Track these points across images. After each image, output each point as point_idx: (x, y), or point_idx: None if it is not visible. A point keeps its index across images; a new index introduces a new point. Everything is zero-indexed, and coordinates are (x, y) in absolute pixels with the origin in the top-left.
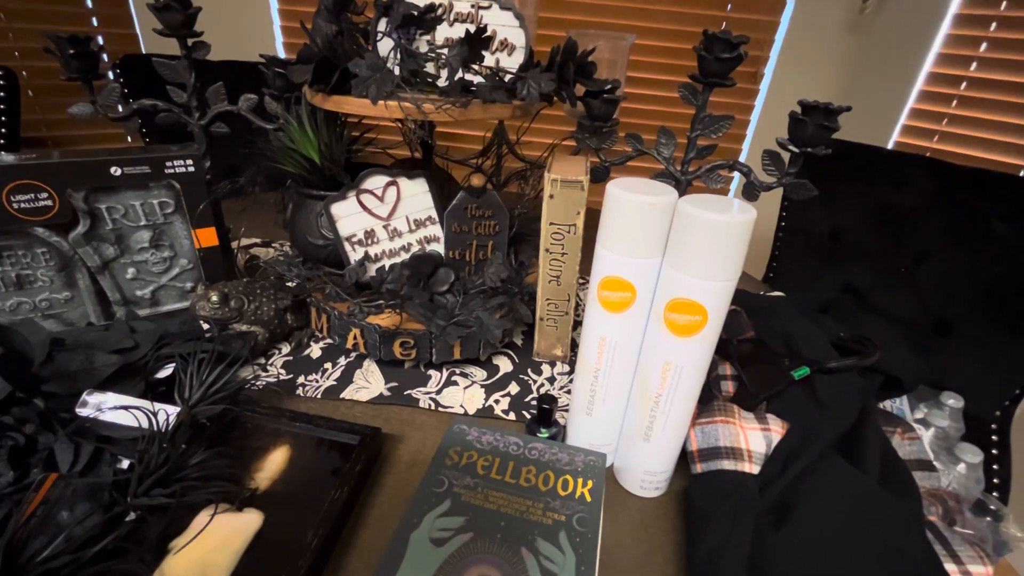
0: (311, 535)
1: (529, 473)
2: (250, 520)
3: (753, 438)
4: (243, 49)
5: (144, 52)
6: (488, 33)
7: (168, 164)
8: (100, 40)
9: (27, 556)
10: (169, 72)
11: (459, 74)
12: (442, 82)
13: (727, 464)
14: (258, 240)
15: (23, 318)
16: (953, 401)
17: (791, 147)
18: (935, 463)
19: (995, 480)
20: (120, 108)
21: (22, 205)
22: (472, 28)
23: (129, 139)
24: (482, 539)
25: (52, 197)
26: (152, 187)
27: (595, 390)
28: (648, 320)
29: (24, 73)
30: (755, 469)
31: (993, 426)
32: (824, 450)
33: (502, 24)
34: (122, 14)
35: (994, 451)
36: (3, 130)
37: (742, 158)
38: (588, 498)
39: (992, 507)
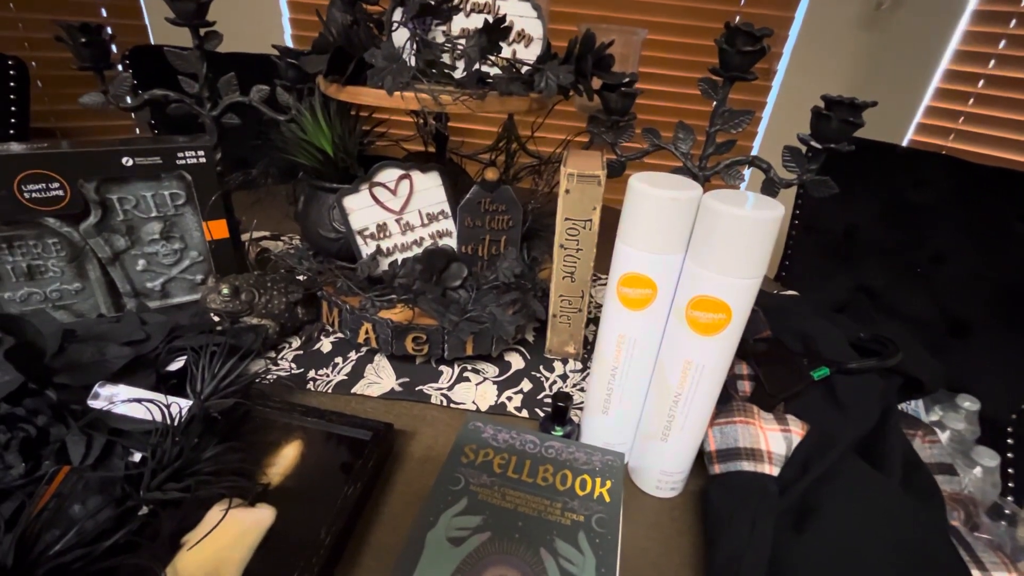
0: (324, 532)
1: (546, 472)
2: (263, 516)
3: (773, 439)
4: (251, 40)
5: (153, 43)
6: (507, 24)
7: (180, 155)
8: (109, 31)
9: (39, 550)
10: (181, 62)
11: (476, 65)
12: (458, 73)
13: (746, 465)
14: (267, 233)
15: (34, 308)
16: (969, 403)
17: (813, 143)
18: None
19: (1010, 484)
20: (129, 99)
21: (33, 195)
22: (490, 18)
23: (138, 130)
24: (500, 539)
25: (64, 187)
26: (163, 178)
27: (612, 388)
28: (668, 317)
29: (33, 63)
30: (775, 471)
31: (1009, 429)
32: (845, 453)
33: (520, 15)
34: (131, 5)
35: (1010, 455)
36: (13, 120)
37: (753, 153)
38: (607, 498)
39: (1008, 511)
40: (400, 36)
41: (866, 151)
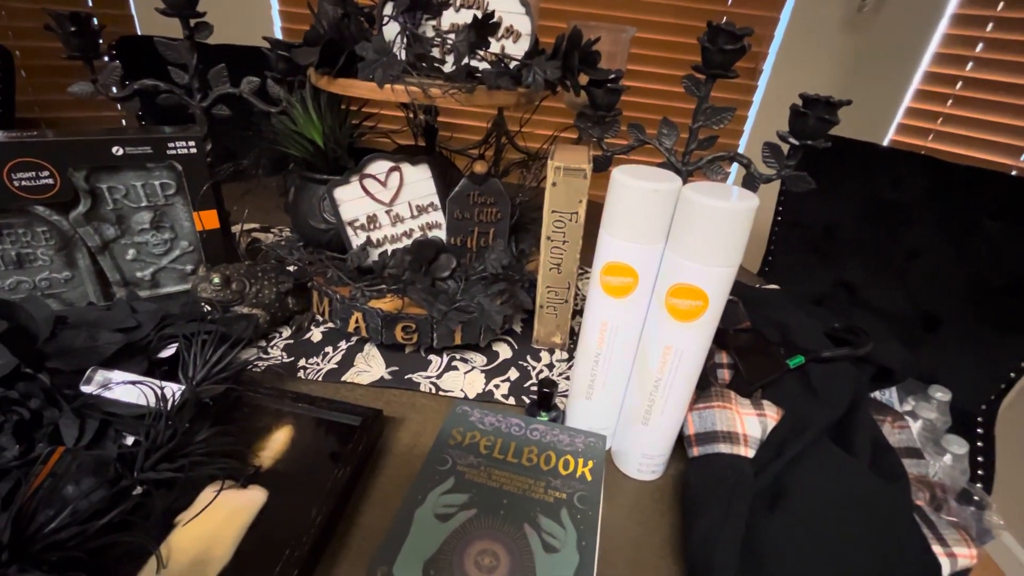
0: (315, 512)
1: (531, 453)
2: (254, 496)
3: (749, 423)
4: (240, 32)
5: (139, 33)
6: (495, 19)
7: (170, 145)
8: (95, 21)
9: (34, 528)
10: (171, 53)
11: (465, 60)
12: (448, 67)
13: (723, 448)
14: (257, 224)
15: (24, 296)
16: (940, 394)
17: (791, 139)
18: (923, 452)
19: (979, 471)
20: (115, 89)
21: (23, 183)
22: (479, 14)
23: (124, 121)
24: (486, 516)
25: (53, 176)
26: (153, 168)
27: (595, 374)
28: (649, 305)
29: (17, 53)
30: (750, 453)
31: (979, 419)
32: (817, 436)
33: (508, 11)
34: None
35: (979, 443)
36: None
37: (739, 151)
38: (589, 477)
39: (976, 497)
40: (390, 30)
41: (846, 150)
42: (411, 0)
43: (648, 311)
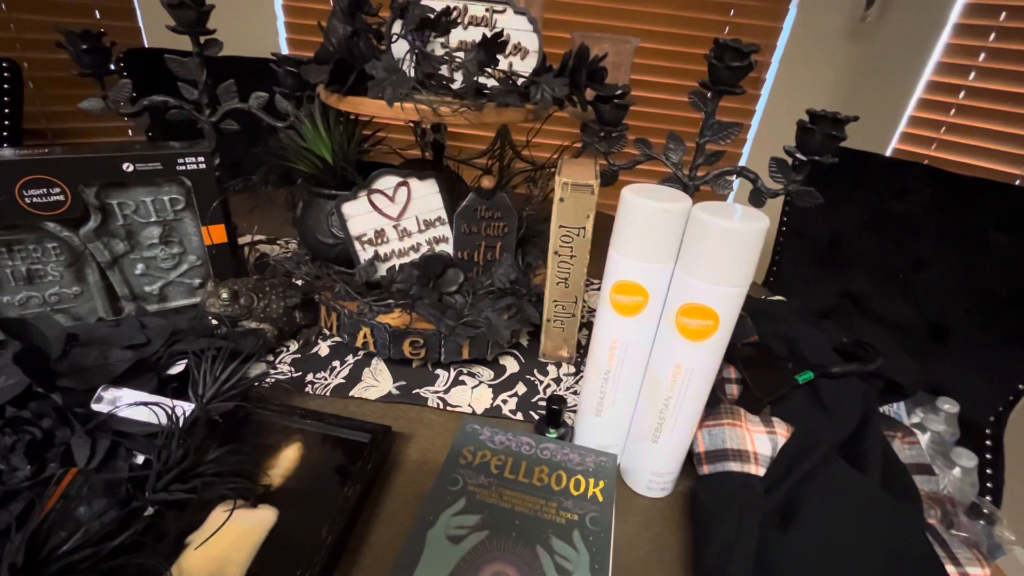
0: (325, 532)
1: (542, 473)
2: (265, 516)
3: (759, 440)
4: (246, 45)
5: (146, 45)
6: (504, 37)
7: (180, 161)
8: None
9: (48, 550)
10: (181, 69)
11: (474, 77)
12: (456, 85)
13: (734, 466)
14: (263, 237)
15: (33, 312)
16: (949, 406)
17: (799, 155)
18: (933, 466)
19: (988, 484)
20: (121, 104)
21: (34, 200)
22: (487, 32)
23: (130, 132)
24: (498, 537)
25: (64, 192)
26: (163, 183)
27: (605, 391)
28: (659, 324)
29: (25, 64)
30: (761, 471)
31: (987, 431)
32: (828, 453)
33: (516, 28)
34: (124, 6)
35: (988, 456)
36: (7, 122)
37: (742, 162)
38: (600, 498)
39: (986, 511)
40: (400, 48)
41: (851, 161)
42: (420, 19)
43: (658, 329)
